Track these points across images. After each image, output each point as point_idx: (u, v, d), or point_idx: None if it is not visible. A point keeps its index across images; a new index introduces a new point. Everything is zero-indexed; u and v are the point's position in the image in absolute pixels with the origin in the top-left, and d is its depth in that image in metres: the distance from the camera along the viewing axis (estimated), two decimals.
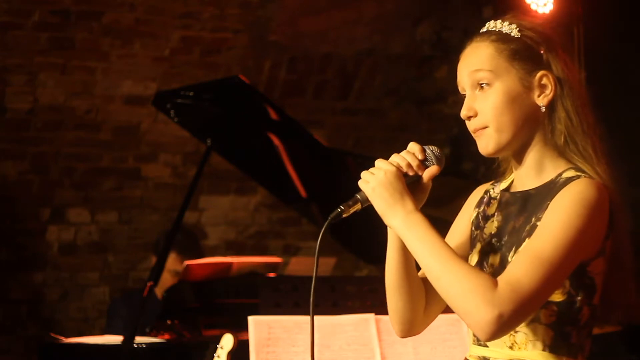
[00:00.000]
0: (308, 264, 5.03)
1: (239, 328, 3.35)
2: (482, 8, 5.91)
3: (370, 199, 1.98)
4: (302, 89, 6.13)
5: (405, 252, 2.03)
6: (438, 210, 2.00)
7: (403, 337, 2.15)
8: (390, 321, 2.14)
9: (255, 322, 3.19)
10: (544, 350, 1.96)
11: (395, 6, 5.97)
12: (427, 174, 2.02)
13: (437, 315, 2.16)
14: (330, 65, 6.11)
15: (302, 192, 4.54)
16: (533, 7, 5.08)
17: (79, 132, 5.70)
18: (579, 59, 5.21)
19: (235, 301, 4.20)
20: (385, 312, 2.16)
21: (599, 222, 1.94)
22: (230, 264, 4.47)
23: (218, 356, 3.09)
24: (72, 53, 5.44)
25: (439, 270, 1.88)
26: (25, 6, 5.19)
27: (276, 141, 4.39)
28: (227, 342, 3.09)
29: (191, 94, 4.18)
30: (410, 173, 2.01)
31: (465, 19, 5.94)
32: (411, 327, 2.13)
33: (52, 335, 4.29)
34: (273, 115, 4.30)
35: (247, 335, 3.17)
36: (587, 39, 5.24)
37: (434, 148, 2.04)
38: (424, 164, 2.02)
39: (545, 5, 5.10)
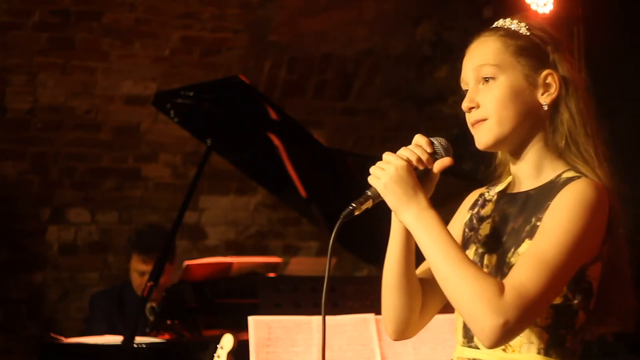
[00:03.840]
0: (308, 264, 5.04)
1: (239, 328, 3.35)
2: (482, 8, 5.91)
3: (382, 195, 1.96)
4: (302, 89, 6.13)
5: (407, 250, 2.02)
6: (438, 211, 1.98)
7: (395, 338, 2.12)
8: (383, 321, 2.12)
9: (255, 322, 3.19)
10: (538, 353, 1.94)
11: (395, 6, 5.97)
12: (438, 165, 2.00)
13: (431, 318, 2.14)
14: (330, 65, 6.11)
15: (302, 192, 4.54)
16: (533, 7, 5.07)
17: (79, 132, 5.70)
18: (579, 59, 5.21)
19: (235, 301, 4.20)
20: None
21: (598, 224, 1.93)
22: (230, 264, 4.47)
23: (218, 356, 3.09)
24: (72, 53, 5.44)
25: (448, 271, 1.87)
26: (25, 6, 5.19)
27: (276, 141, 4.39)
28: (227, 342, 3.09)
29: (191, 94, 4.18)
30: (421, 167, 1.98)
31: (465, 19, 5.94)
32: (405, 329, 2.10)
33: (52, 335, 4.30)
34: (273, 115, 4.30)
35: (247, 335, 3.17)
36: (587, 39, 5.23)
37: (442, 139, 2.03)
38: (433, 156, 2.00)
39: (545, 5, 5.10)
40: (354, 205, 1.98)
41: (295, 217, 6.15)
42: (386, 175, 1.94)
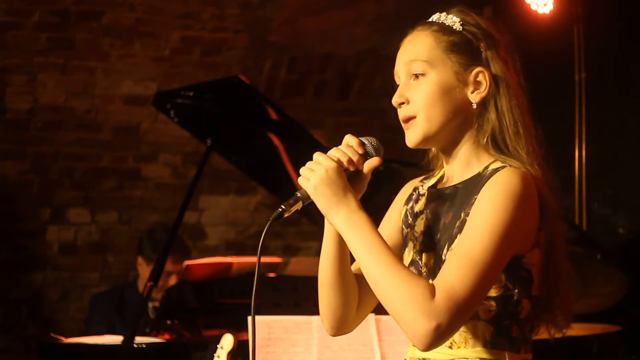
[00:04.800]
0: (308, 264, 5.03)
1: (239, 328, 3.35)
2: (482, 8, 5.90)
3: (312, 196, 1.94)
4: (302, 89, 6.13)
5: (341, 247, 2.00)
6: None
7: (334, 335, 2.11)
8: (320, 319, 2.11)
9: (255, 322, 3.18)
10: (485, 346, 1.93)
11: (395, 6, 5.97)
12: (368, 166, 1.98)
13: (368, 313, 2.13)
14: (330, 65, 6.11)
15: None
16: (533, 7, 5.07)
17: (79, 132, 5.70)
18: (579, 59, 5.21)
19: (235, 301, 4.20)
20: (385, 312, 2.15)
21: (528, 213, 1.90)
22: (230, 264, 4.47)
23: (218, 356, 3.09)
24: (72, 53, 5.44)
25: (378, 275, 1.85)
26: (25, 6, 5.19)
27: (276, 141, 4.39)
28: (227, 342, 3.09)
29: (191, 94, 4.18)
30: (351, 168, 1.97)
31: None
32: (342, 325, 2.09)
33: (52, 335, 4.30)
34: (273, 115, 4.30)
35: (247, 335, 3.17)
36: (587, 39, 5.23)
37: (372, 139, 2.00)
38: (364, 157, 1.98)
39: (545, 5, 5.09)
40: (283, 207, 1.97)
41: (295, 217, 6.11)
42: (316, 176, 1.93)
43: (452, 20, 2.02)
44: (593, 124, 5.21)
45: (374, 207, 2.07)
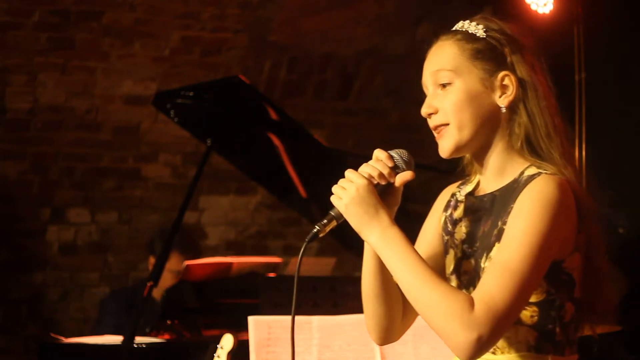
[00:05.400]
0: (308, 264, 5.03)
1: (239, 328, 3.35)
2: (482, 8, 5.89)
3: (344, 215, 1.96)
4: (302, 89, 6.13)
5: (382, 262, 2.00)
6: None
7: (380, 344, 2.14)
8: (367, 329, 2.13)
9: (255, 322, 3.19)
10: (529, 351, 1.95)
11: (395, 6, 5.97)
12: (400, 179, 1.99)
13: (414, 321, 2.14)
14: (330, 65, 6.11)
15: (302, 192, 4.54)
16: (533, 7, 5.06)
17: (79, 132, 5.70)
18: (579, 59, 5.21)
19: (235, 301, 4.20)
20: None
21: (565, 219, 1.92)
22: (230, 264, 4.47)
23: (218, 356, 3.09)
24: (72, 53, 5.44)
25: (416, 291, 1.87)
26: (25, 6, 5.19)
27: (276, 141, 4.39)
28: (227, 342, 3.09)
29: (191, 94, 4.18)
30: (383, 182, 1.98)
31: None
32: (389, 335, 2.11)
33: (52, 335, 4.30)
34: (273, 115, 4.30)
35: (247, 335, 3.17)
36: (587, 39, 5.23)
37: (402, 152, 2.02)
38: (394, 170, 1.99)
39: (545, 5, 5.09)
40: (317, 227, 1.98)
41: (295, 217, 6.15)
42: (347, 195, 1.95)
43: (476, 27, 2.06)
44: (593, 124, 5.21)
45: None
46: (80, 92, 5.60)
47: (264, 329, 3.19)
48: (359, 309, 3.31)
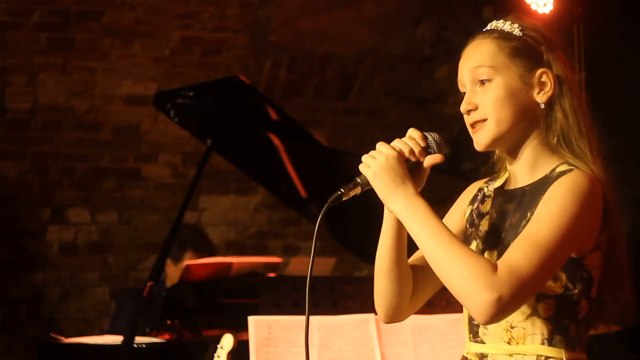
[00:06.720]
0: (308, 264, 5.03)
1: (239, 328, 3.35)
2: (482, 8, 5.90)
3: (371, 182, 1.99)
4: (302, 89, 6.13)
5: (399, 237, 2.05)
6: (437, 210, 1.99)
7: (387, 322, 2.16)
8: (375, 306, 2.15)
9: (255, 322, 3.19)
10: (542, 343, 1.98)
11: (395, 6, 5.97)
12: (429, 161, 2.03)
13: (421, 305, 2.17)
14: (330, 65, 6.11)
15: (302, 192, 4.54)
16: (533, 7, 5.07)
17: (79, 132, 5.70)
18: (579, 59, 5.21)
19: (235, 301, 4.20)
20: None
21: (592, 213, 1.96)
22: (230, 264, 4.47)
23: (218, 356, 3.09)
24: (72, 53, 5.44)
25: (440, 254, 1.89)
26: (25, 6, 5.19)
27: (276, 141, 4.39)
28: (227, 342, 3.09)
29: (191, 94, 4.18)
30: (412, 159, 2.02)
31: (465, 19, 5.94)
32: (395, 314, 2.14)
33: (52, 335, 4.30)
34: (273, 115, 4.30)
35: (247, 335, 3.17)
36: (587, 39, 5.23)
37: (435, 135, 2.06)
38: (425, 150, 2.03)
39: (545, 5, 5.10)
40: (342, 190, 2.02)
41: (295, 217, 6.15)
42: (376, 163, 1.98)
43: (511, 26, 2.08)
44: (593, 124, 5.21)
45: None
46: (80, 92, 5.60)
47: (264, 329, 3.19)
48: (359, 309, 3.34)
